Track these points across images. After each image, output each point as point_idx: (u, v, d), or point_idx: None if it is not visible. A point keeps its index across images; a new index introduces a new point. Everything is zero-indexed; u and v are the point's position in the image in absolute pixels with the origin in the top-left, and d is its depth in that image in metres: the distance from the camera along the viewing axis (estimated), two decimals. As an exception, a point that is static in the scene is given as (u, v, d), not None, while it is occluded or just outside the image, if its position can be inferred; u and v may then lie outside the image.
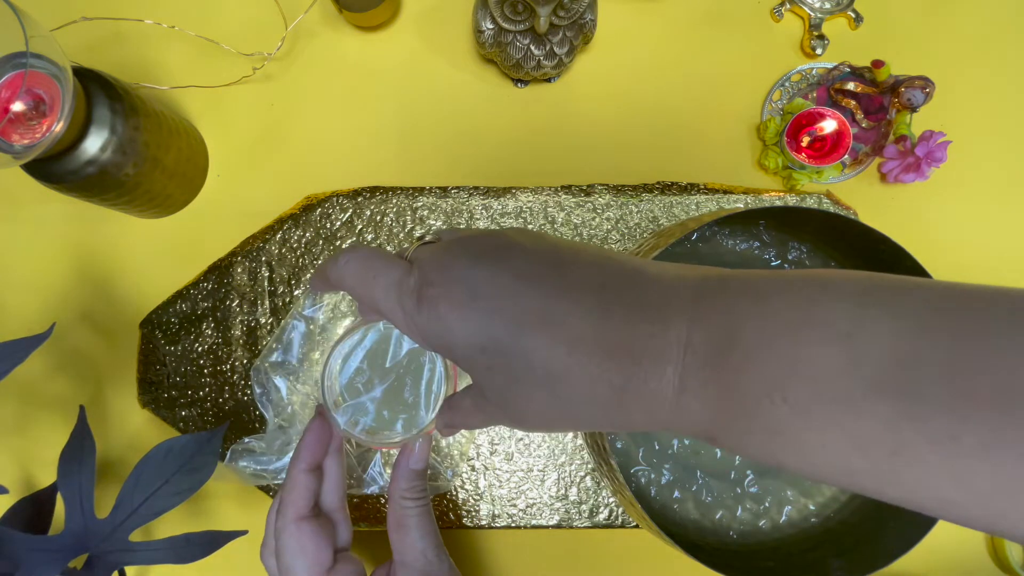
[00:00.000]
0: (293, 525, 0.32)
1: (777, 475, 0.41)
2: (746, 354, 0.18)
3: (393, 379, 0.37)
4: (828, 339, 0.17)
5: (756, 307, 0.18)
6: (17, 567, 0.35)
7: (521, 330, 0.20)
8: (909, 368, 0.16)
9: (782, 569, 0.37)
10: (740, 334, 0.18)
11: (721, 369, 0.18)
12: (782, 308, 0.18)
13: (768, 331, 0.18)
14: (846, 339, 0.16)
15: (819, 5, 0.49)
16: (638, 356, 0.19)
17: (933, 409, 0.15)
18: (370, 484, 0.43)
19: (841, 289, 0.18)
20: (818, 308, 0.17)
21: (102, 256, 0.48)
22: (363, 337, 0.37)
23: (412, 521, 0.34)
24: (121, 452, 0.47)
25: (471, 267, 0.21)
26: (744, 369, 0.18)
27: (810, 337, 0.17)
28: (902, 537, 0.35)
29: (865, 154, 0.48)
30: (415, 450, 0.35)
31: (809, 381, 0.17)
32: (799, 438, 0.17)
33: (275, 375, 0.43)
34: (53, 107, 0.36)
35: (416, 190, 0.47)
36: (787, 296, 0.18)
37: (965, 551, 0.46)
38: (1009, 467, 0.14)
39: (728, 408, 0.18)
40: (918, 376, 0.15)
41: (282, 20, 0.47)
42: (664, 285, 0.20)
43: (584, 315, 0.20)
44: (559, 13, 0.41)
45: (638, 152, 0.49)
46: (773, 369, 0.17)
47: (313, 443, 0.34)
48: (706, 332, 0.19)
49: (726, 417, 0.18)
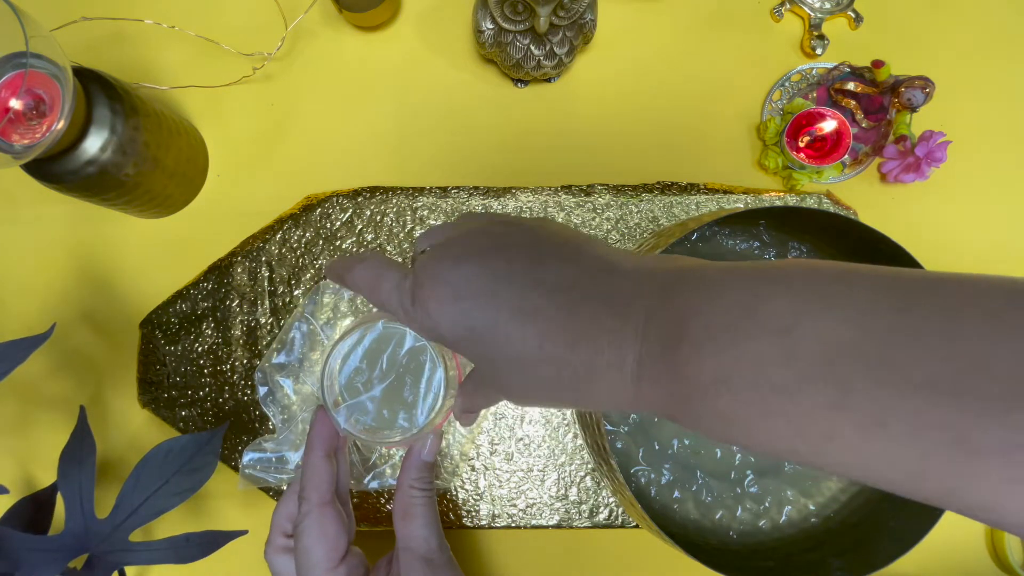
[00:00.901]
0: (318, 510, 0.33)
1: (777, 475, 0.41)
2: (693, 347, 0.19)
3: (393, 378, 0.37)
4: (767, 333, 0.18)
5: (706, 303, 0.20)
6: (17, 567, 0.35)
7: (497, 323, 0.23)
8: (841, 359, 0.17)
9: (782, 569, 0.37)
10: (688, 328, 0.20)
11: (671, 361, 0.20)
12: (730, 303, 0.19)
13: (713, 326, 0.19)
14: (784, 333, 0.18)
15: (819, 5, 0.49)
16: (601, 347, 0.21)
17: (861, 398, 0.16)
18: (370, 481, 0.43)
19: (789, 283, 0.19)
20: (762, 303, 0.19)
21: (102, 256, 0.48)
22: (362, 337, 0.37)
23: (418, 510, 0.35)
24: (121, 452, 0.47)
25: (454, 269, 0.24)
26: (691, 361, 0.19)
27: (750, 331, 0.18)
28: (902, 537, 0.35)
29: (865, 154, 0.48)
30: (427, 444, 0.37)
31: (750, 373, 0.18)
32: (746, 424, 0.19)
33: (279, 376, 0.43)
34: (53, 107, 0.36)
35: (416, 190, 0.47)
36: (736, 291, 0.19)
37: (965, 551, 0.46)
38: (939, 451, 0.15)
39: (680, 395, 0.20)
40: (848, 367, 0.16)
41: (282, 20, 0.47)
42: (634, 280, 0.22)
43: (555, 311, 0.22)
44: (559, 13, 0.41)
45: (638, 152, 0.49)
46: (717, 362, 0.19)
47: (324, 431, 0.35)
48: (659, 326, 0.21)
49: (680, 403, 0.20)
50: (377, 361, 0.37)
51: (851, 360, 0.17)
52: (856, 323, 0.17)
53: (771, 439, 0.18)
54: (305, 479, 0.34)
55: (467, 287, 0.23)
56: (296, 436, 0.42)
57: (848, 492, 0.41)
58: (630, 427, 0.42)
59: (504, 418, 0.45)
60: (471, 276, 0.23)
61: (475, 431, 0.45)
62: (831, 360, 0.17)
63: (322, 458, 0.34)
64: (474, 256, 0.24)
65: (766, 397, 0.18)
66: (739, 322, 0.19)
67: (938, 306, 0.16)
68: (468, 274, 0.24)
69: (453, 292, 0.23)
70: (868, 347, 0.16)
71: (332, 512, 0.33)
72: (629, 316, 0.21)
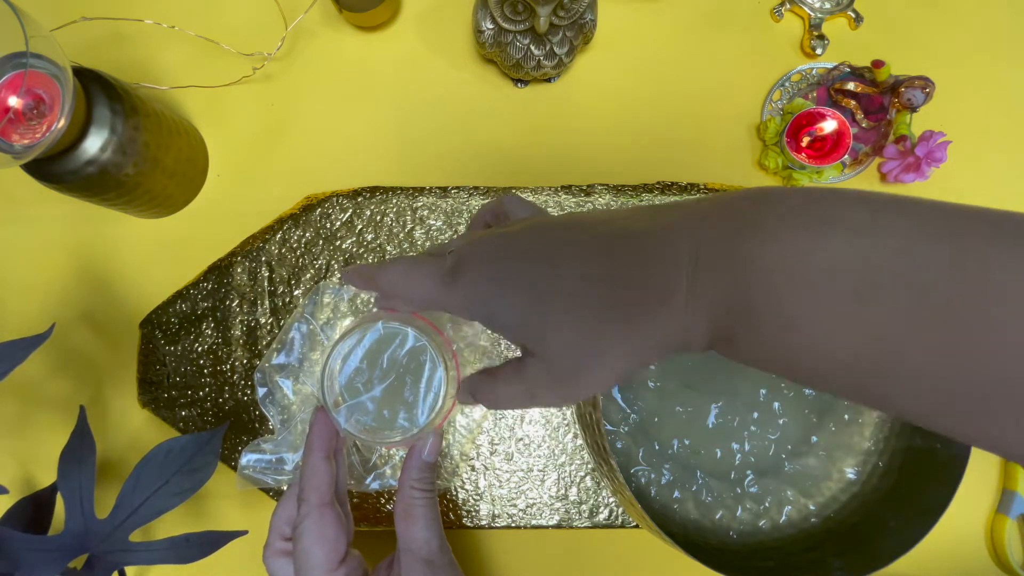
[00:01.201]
0: (317, 511, 0.33)
1: (777, 475, 0.41)
2: (766, 238, 0.19)
3: (393, 378, 0.37)
4: (844, 230, 0.18)
5: (772, 205, 0.19)
6: (17, 567, 0.35)
7: (539, 299, 0.23)
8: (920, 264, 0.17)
9: (782, 569, 0.37)
10: (760, 221, 0.19)
11: (732, 244, 0.19)
12: (799, 205, 0.19)
13: (787, 221, 0.19)
14: (863, 233, 0.18)
15: (819, 5, 0.49)
16: (655, 258, 0.21)
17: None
18: (371, 481, 0.43)
19: (861, 195, 0.19)
20: (836, 208, 0.18)
21: (102, 256, 0.48)
22: (362, 337, 0.37)
23: (419, 511, 0.34)
24: (121, 452, 0.47)
25: (491, 261, 0.24)
26: (759, 243, 0.19)
27: (822, 227, 0.18)
28: (902, 537, 0.35)
29: (865, 154, 0.48)
30: (428, 443, 0.36)
31: (826, 265, 0.18)
32: (811, 326, 0.18)
33: (279, 376, 0.43)
34: (53, 107, 0.36)
35: (416, 190, 0.47)
36: (798, 196, 0.19)
37: (965, 551, 0.46)
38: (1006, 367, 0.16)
39: (742, 283, 0.19)
40: (931, 272, 0.17)
41: (282, 20, 0.47)
42: (670, 233, 0.21)
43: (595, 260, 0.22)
44: (559, 13, 0.41)
45: (638, 152, 0.49)
46: (783, 248, 0.18)
47: (324, 432, 0.34)
48: (717, 229, 0.20)
49: (740, 297, 0.19)
50: (377, 361, 0.37)
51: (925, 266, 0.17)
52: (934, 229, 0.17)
53: (836, 345, 0.18)
54: (304, 480, 0.34)
55: (508, 258, 0.24)
56: (295, 437, 0.42)
57: (848, 492, 0.41)
58: (630, 427, 0.42)
59: (504, 418, 0.45)
60: (513, 248, 0.24)
61: (475, 431, 0.45)
62: (912, 262, 0.17)
63: (322, 459, 0.34)
64: (507, 251, 0.25)
65: (841, 294, 0.17)
66: (809, 220, 0.18)
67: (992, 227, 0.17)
68: (511, 247, 0.24)
69: (495, 264, 0.24)
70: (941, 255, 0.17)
71: (332, 514, 0.33)
72: (678, 250, 0.21)
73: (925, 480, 0.37)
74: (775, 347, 0.19)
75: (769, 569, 0.37)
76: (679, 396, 0.42)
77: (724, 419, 0.42)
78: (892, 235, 0.17)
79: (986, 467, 0.47)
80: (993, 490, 0.47)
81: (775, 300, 0.18)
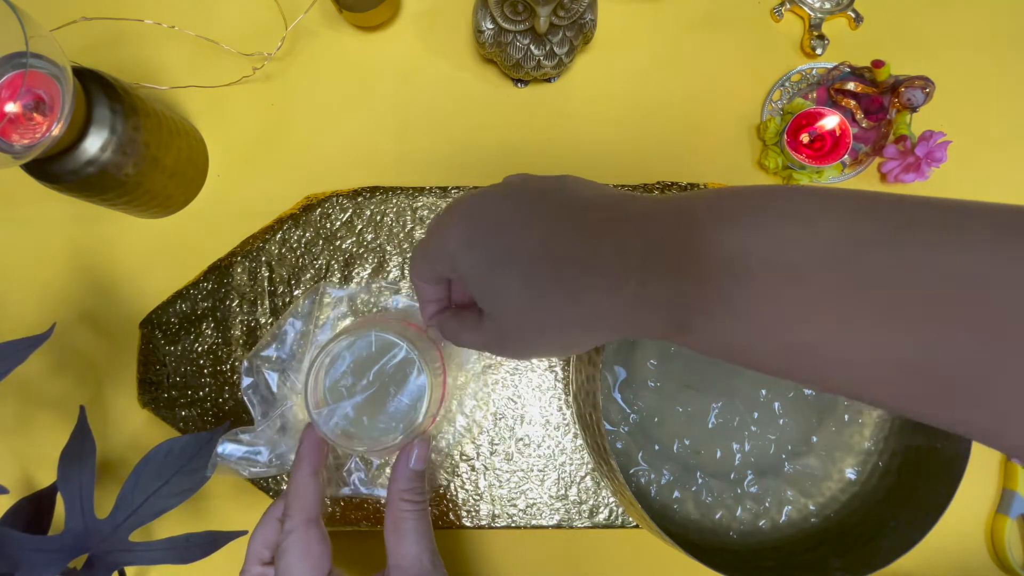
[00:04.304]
0: (303, 528, 0.32)
1: (777, 475, 0.41)
2: (708, 221, 0.19)
3: (377, 387, 0.37)
4: (788, 219, 0.18)
5: (725, 200, 0.20)
6: (17, 567, 0.35)
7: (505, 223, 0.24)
8: (863, 247, 0.17)
9: (782, 569, 0.37)
10: (697, 214, 0.20)
11: (683, 238, 0.19)
12: (749, 199, 0.19)
13: (725, 211, 0.19)
14: (808, 222, 0.18)
15: (819, 5, 0.49)
16: (601, 242, 0.22)
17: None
18: (344, 487, 0.43)
19: (812, 190, 0.19)
20: (780, 201, 0.19)
21: (102, 256, 0.48)
22: (352, 343, 0.38)
23: (409, 524, 0.34)
24: (121, 452, 0.47)
25: (465, 219, 0.25)
26: (706, 234, 0.19)
27: (768, 218, 0.18)
28: (902, 537, 0.35)
29: (865, 154, 0.48)
30: (415, 451, 0.35)
31: (769, 252, 0.18)
32: (761, 314, 0.18)
33: (267, 368, 0.42)
34: (53, 107, 0.36)
35: (416, 190, 0.47)
36: (751, 193, 0.20)
37: (965, 551, 0.46)
38: (952, 344, 0.16)
39: (692, 276, 0.19)
40: (872, 256, 0.17)
41: (282, 20, 0.47)
42: (629, 221, 0.22)
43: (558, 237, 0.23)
44: (559, 13, 0.41)
45: (638, 152, 0.48)
46: (733, 238, 0.18)
47: (312, 449, 0.34)
48: (663, 224, 0.20)
49: (692, 289, 0.19)
50: (364, 368, 0.37)
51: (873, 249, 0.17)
52: (880, 220, 0.17)
53: (782, 329, 0.18)
54: (291, 496, 0.33)
55: (479, 209, 0.25)
56: (272, 432, 0.41)
57: (848, 492, 0.41)
58: (630, 427, 0.42)
59: (504, 418, 0.45)
60: (486, 201, 0.25)
61: (475, 431, 0.45)
62: (857, 247, 0.17)
63: (309, 475, 0.33)
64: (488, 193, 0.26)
65: (783, 278, 0.18)
66: (756, 209, 0.19)
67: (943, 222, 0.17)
68: (483, 200, 0.25)
69: (467, 221, 0.25)
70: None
71: (317, 531, 0.32)
72: (628, 232, 0.21)
73: (925, 480, 0.37)
74: (727, 337, 0.19)
75: (769, 569, 0.37)
76: (679, 396, 0.42)
77: (724, 419, 0.42)
78: (832, 223, 0.17)
79: (986, 467, 0.47)
80: (993, 490, 0.47)
81: (725, 291, 0.18)
